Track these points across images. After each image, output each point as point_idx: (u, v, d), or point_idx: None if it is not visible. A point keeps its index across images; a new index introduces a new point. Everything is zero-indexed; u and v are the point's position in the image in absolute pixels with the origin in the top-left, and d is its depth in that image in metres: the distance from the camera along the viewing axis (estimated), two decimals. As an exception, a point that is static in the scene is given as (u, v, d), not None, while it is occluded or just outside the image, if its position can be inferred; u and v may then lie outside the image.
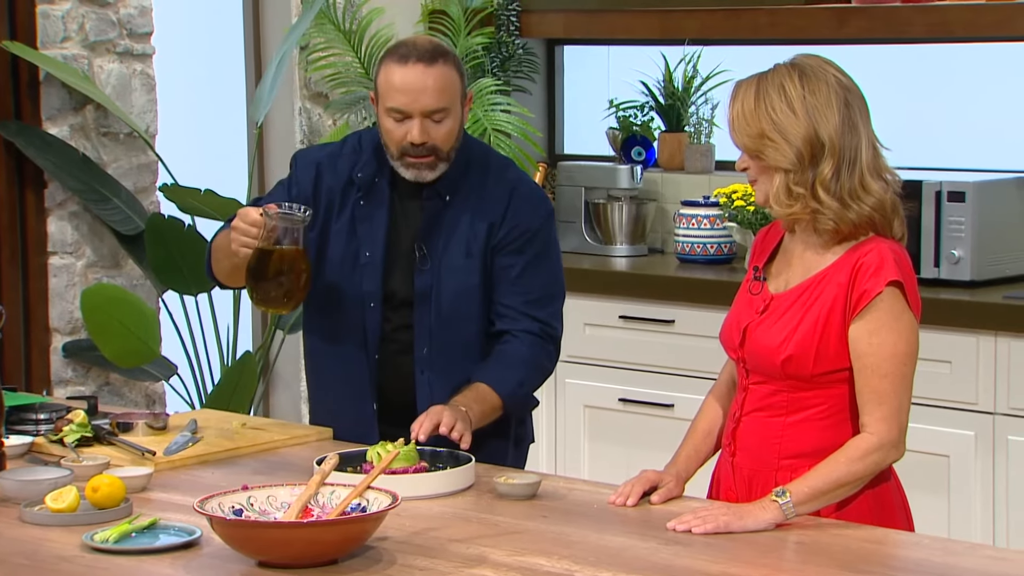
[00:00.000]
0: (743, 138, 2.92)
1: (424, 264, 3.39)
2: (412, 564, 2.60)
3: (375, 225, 3.41)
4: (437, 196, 3.40)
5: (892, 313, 2.86)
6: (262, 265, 3.20)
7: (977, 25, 4.86)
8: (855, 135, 2.90)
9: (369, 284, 3.40)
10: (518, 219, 3.42)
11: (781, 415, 2.95)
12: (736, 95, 2.93)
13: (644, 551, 2.67)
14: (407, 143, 3.31)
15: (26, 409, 3.48)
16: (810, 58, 2.95)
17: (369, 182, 3.42)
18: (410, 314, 3.39)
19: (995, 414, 4.46)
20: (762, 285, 3.01)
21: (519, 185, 3.46)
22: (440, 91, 3.30)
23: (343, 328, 3.41)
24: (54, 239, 5.19)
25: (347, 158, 3.46)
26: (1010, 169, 4.98)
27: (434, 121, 3.31)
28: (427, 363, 3.39)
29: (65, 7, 5.17)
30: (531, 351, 3.42)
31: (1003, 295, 4.55)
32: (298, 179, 3.47)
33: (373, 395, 3.42)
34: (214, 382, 5.25)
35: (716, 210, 5.24)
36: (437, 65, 3.32)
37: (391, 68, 3.32)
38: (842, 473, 2.82)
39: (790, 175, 2.89)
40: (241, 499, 2.71)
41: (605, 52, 5.99)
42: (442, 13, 5.78)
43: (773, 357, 2.92)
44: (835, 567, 2.59)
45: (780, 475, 2.93)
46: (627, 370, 5.02)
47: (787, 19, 5.18)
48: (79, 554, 2.68)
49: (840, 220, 2.90)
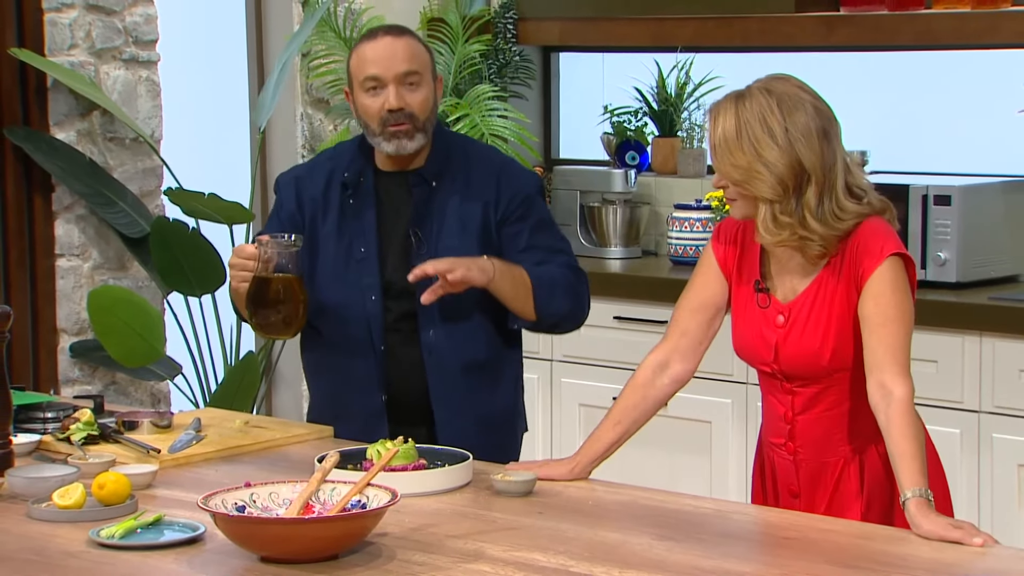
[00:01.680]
0: (727, 168, 2.93)
1: (421, 249, 3.42)
2: (411, 559, 2.60)
3: (365, 220, 3.45)
4: (423, 183, 3.45)
5: (896, 278, 2.91)
6: (260, 293, 3.24)
7: (962, 33, 4.85)
8: (834, 160, 2.92)
9: (367, 277, 3.43)
10: (513, 190, 3.46)
11: (837, 406, 2.99)
12: (716, 120, 2.94)
13: (638, 547, 2.67)
14: (385, 112, 3.37)
15: (34, 408, 3.49)
16: (783, 83, 2.95)
17: (355, 181, 3.47)
18: (412, 302, 3.40)
19: (980, 412, 4.48)
20: (769, 298, 3.03)
21: (505, 164, 3.53)
22: (410, 57, 3.39)
23: (347, 324, 3.43)
24: (61, 242, 5.19)
25: (324, 165, 3.53)
26: (995, 173, 5.00)
27: (408, 86, 3.38)
28: (434, 346, 3.41)
29: (72, 15, 5.17)
30: (560, 271, 3.45)
31: (988, 296, 4.57)
32: (282, 201, 3.53)
33: (382, 387, 3.44)
34: (218, 382, 5.25)
35: (708, 213, 5.24)
36: (405, 37, 3.42)
37: (361, 47, 3.42)
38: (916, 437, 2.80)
39: (775, 205, 2.92)
40: (244, 496, 2.70)
41: (600, 59, 5.98)
42: (440, 21, 5.77)
43: (817, 361, 2.96)
44: (825, 562, 2.59)
45: (849, 461, 2.97)
46: (621, 369, 4.99)
47: (777, 27, 5.17)
48: (85, 550, 2.67)
49: (827, 243, 2.94)
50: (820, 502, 3.01)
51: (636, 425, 3.13)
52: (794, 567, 2.58)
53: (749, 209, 2.96)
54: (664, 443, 4.93)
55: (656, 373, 3.12)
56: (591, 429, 3.22)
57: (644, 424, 3.15)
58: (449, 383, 3.42)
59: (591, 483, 3.10)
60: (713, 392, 4.86)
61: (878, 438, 2.93)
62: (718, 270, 3.09)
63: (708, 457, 4.98)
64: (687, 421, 4.92)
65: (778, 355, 3.00)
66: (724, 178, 2.96)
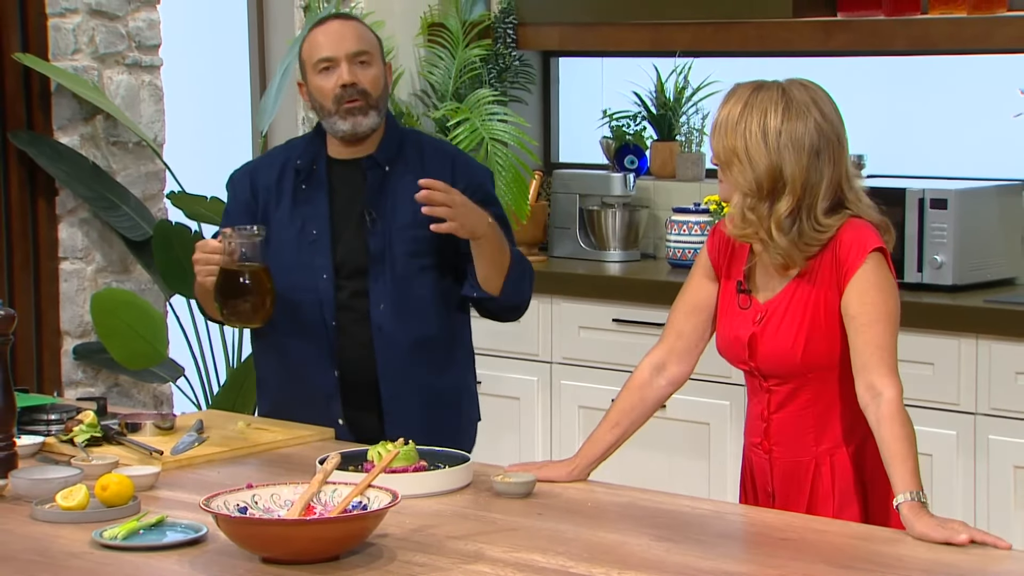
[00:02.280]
0: (718, 145, 2.96)
1: (375, 227, 3.47)
2: (411, 560, 2.60)
3: (317, 204, 3.50)
4: (376, 166, 3.50)
5: (878, 275, 2.91)
6: (228, 284, 3.30)
7: (958, 38, 4.85)
8: (820, 179, 2.92)
9: (320, 258, 3.48)
10: (470, 178, 3.52)
11: (810, 406, 2.99)
12: (728, 99, 2.96)
13: (637, 547, 2.68)
14: (339, 89, 3.43)
15: (37, 410, 3.49)
16: (803, 90, 2.96)
17: (307, 168, 3.53)
18: (364, 280, 3.46)
19: (976, 414, 4.48)
20: (750, 298, 3.04)
21: (458, 154, 3.60)
22: (359, 37, 3.47)
23: (299, 305, 3.47)
24: (65, 245, 5.21)
25: (277, 156, 3.60)
26: (991, 177, 5.00)
27: (359, 63, 3.45)
28: (384, 320, 3.45)
29: (76, 20, 5.18)
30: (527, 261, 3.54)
31: (984, 299, 4.58)
32: (235, 194, 3.60)
33: (334, 363, 3.48)
34: (220, 384, 5.26)
35: (706, 216, 5.25)
36: (353, 20, 3.52)
37: (312, 33, 3.50)
38: (907, 438, 2.81)
39: (747, 199, 2.94)
40: (246, 497, 2.71)
41: (599, 64, 5.99)
42: (441, 26, 5.78)
43: (790, 359, 2.97)
44: (822, 563, 2.60)
45: (820, 462, 2.98)
46: (620, 371, 4.95)
47: (775, 32, 5.17)
48: (88, 550, 2.67)
49: (788, 258, 2.95)
50: (797, 505, 3.01)
51: (634, 427, 3.15)
52: (791, 568, 2.59)
53: (729, 193, 2.99)
54: (662, 445, 4.94)
55: (653, 375, 3.13)
56: (590, 431, 3.21)
57: (642, 425, 3.17)
58: (397, 360, 3.46)
59: (590, 484, 3.10)
60: (711, 394, 4.88)
61: (850, 440, 2.97)
62: (711, 271, 3.11)
63: (706, 458, 4.99)
64: (685, 423, 4.94)
65: (753, 353, 3.01)
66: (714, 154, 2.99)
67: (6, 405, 3.07)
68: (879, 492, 2.98)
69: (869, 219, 2.98)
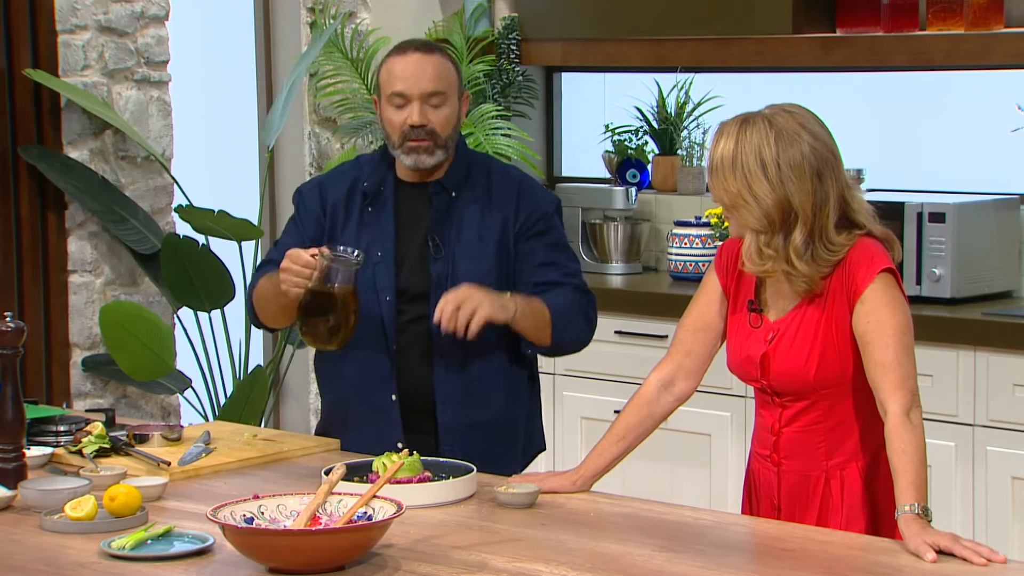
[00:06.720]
0: (719, 192, 2.97)
1: (438, 254, 3.45)
2: (415, 570, 2.61)
3: (383, 227, 3.48)
4: (444, 191, 3.48)
5: (887, 295, 2.92)
6: (315, 303, 3.22)
7: (955, 54, 4.86)
8: (826, 199, 2.93)
9: (382, 280, 3.45)
10: (532, 207, 3.50)
11: (823, 420, 3.00)
12: (718, 141, 2.95)
13: (639, 558, 2.69)
14: (407, 127, 3.41)
15: (47, 421, 3.50)
16: (787, 117, 2.95)
17: (375, 190, 3.51)
18: (425, 306, 3.42)
19: (974, 426, 4.50)
20: (761, 317, 3.06)
21: (524, 180, 3.56)
22: (437, 76, 3.42)
23: (362, 325, 3.37)
24: (74, 258, 5.22)
25: (346, 174, 3.57)
26: (989, 191, 5.01)
27: (432, 106, 3.42)
28: (445, 347, 3.43)
29: (86, 37, 5.20)
30: (573, 296, 3.48)
31: (982, 312, 4.60)
32: (307, 207, 3.54)
33: (393, 385, 3.46)
34: (227, 395, 5.28)
35: (707, 230, 5.27)
36: (434, 55, 3.45)
37: (391, 60, 3.45)
38: (907, 452, 2.81)
39: (761, 236, 2.94)
40: (252, 508, 2.71)
41: (601, 79, 6.01)
42: (445, 42, 5.76)
43: (803, 377, 2.98)
44: (823, 573, 2.60)
45: (831, 476, 3.00)
46: (623, 383, 5.02)
47: (774, 48, 5.16)
48: (97, 561, 2.68)
49: (811, 282, 2.96)
50: (804, 519, 3.02)
51: (638, 441, 3.17)
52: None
53: (740, 232, 3.00)
54: (664, 455, 4.96)
55: (661, 391, 3.15)
56: (593, 441, 3.22)
57: (645, 439, 3.19)
58: (455, 386, 3.45)
59: (593, 495, 3.12)
60: (713, 405, 4.89)
61: (862, 455, 2.99)
62: (720, 292, 3.13)
63: (708, 469, 5.00)
64: (687, 434, 4.95)
65: (766, 372, 3.03)
66: (716, 200, 3.01)
67: (16, 417, 3.08)
68: (891, 507, 2.97)
69: (873, 230, 3.00)
